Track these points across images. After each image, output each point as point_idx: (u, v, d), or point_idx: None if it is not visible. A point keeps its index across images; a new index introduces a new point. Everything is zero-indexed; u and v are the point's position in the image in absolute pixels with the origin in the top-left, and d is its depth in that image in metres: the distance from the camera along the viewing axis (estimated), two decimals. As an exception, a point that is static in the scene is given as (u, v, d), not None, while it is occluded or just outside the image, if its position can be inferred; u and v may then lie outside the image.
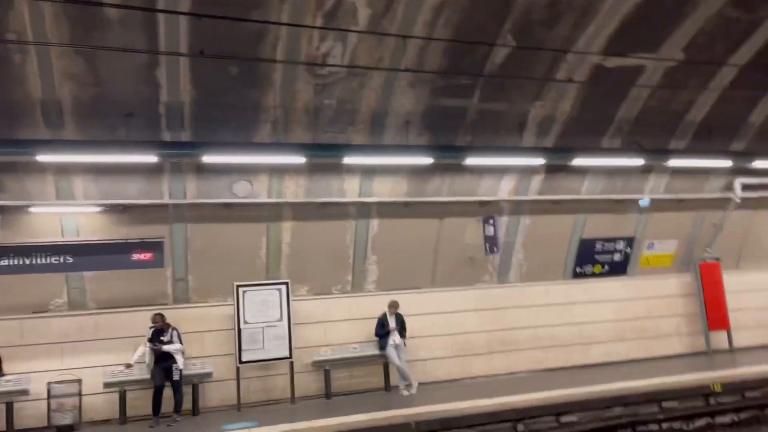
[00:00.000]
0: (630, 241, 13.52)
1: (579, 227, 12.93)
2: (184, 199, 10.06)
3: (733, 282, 14.38)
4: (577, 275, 13.33)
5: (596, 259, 13.38)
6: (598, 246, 13.29)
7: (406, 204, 11.35)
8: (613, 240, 13.38)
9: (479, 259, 12.30)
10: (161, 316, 9.70)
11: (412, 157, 10.26)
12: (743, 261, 14.81)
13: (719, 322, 13.74)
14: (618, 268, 13.62)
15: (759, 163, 12.80)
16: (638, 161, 11.73)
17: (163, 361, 9.49)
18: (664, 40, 10.58)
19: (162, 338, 9.56)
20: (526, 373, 12.52)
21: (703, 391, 10.10)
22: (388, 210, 11.34)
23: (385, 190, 11.13)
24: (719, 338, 14.00)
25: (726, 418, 9.73)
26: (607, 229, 13.19)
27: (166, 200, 10.01)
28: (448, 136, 10.82)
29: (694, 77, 11.33)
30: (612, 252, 13.47)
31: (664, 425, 9.46)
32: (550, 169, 11.96)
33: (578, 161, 11.42)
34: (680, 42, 10.69)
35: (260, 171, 10.29)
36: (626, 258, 13.63)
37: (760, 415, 9.85)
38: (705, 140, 12.49)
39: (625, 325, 13.52)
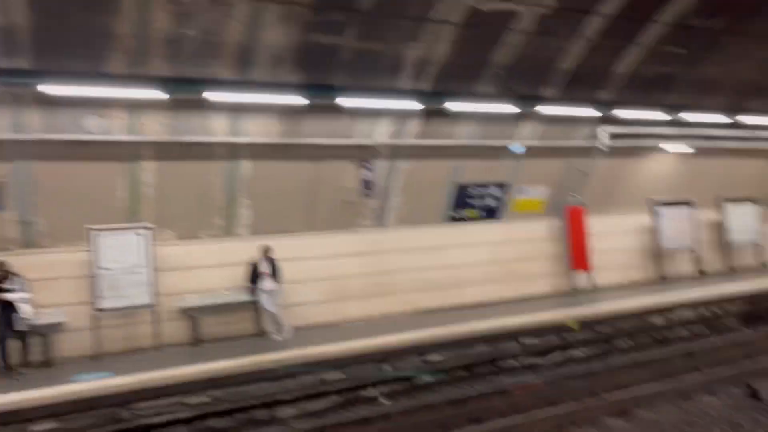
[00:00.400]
0: (503, 187, 13.92)
1: (455, 172, 13.11)
2: (27, 135, 9.11)
3: (598, 226, 15.27)
4: (453, 220, 13.61)
5: (471, 204, 13.70)
6: (473, 191, 13.59)
7: (279, 145, 10.95)
8: (487, 185, 13.71)
9: (356, 204, 12.21)
10: (1, 263, 8.88)
11: (284, 96, 9.82)
12: (609, 206, 15.72)
13: (582, 263, 14.61)
14: (492, 213, 14.04)
15: (623, 113, 13.46)
16: (511, 108, 11.95)
17: (5, 311, 8.74)
18: (537, -14, 10.66)
19: (3, 287, 8.77)
20: (402, 315, 12.77)
21: (559, 328, 10.71)
22: (260, 151, 10.90)
23: (256, 131, 10.66)
24: (583, 278, 14.90)
25: (579, 352, 10.41)
26: (482, 174, 13.48)
27: (4, 135, 9.02)
28: (322, 75, 10.45)
29: (565, 25, 11.55)
30: (486, 197, 13.83)
31: (522, 360, 9.97)
32: (427, 114, 11.93)
33: (453, 106, 11.45)
34: (553, -11, 10.81)
35: (116, 105, 9.49)
36: (499, 203, 14.05)
37: (609, 347, 10.63)
38: (574, 89, 12.91)
39: (497, 268, 14.05)
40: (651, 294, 13.33)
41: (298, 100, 9.82)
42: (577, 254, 14.63)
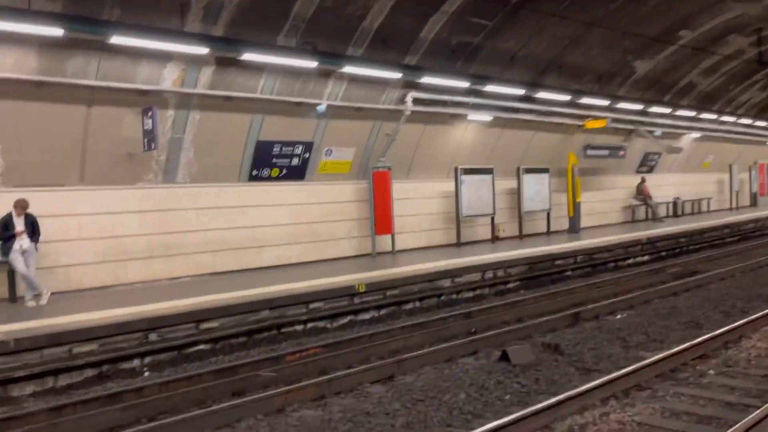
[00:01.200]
0: (308, 146, 13.46)
1: (255, 128, 12.37)
2: None
3: (403, 190, 15.46)
4: (253, 178, 12.91)
5: (274, 163, 13.08)
6: (276, 149, 12.96)
7: (36, 83, 9.44)
8: (292, 144, 13.16)
9: (139, 156, 11.03)
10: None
11: (34, 26, 8.34)
12: (416, 172, 15.95)
13: (385, 226, 14.70)
14: (296, 173, 13.54)
15: (429, 79, 13.53)
16: (312, 64, 11.42)
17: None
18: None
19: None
20: (190, 278, 11.94)
21: (349, 292, 10.59)
22: (12, 90, 9.32)
23: (5, 65, 9.06)
24: (386, 241, 15.05)
25: (367, 315, 10.39)
26: (285, 132, 12.88)
27: None
28: (90, 6, 9.09)
29: (370, -18, 11.18)
30: (290, 156, 13.28)
31: (309, 325, 9.71)
32: (222, 62, 11.01)
33: (250, 56, 10.64)
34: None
35: None
36: (304, 163, 13.59)
37: (397, 310, 10.74)
38: (381, 50, 12.68)
39: (300, 229, 13.66)
40: (445, 258, 13.77)
41: (53, 31, 8.40)
42: (381, 218, 14.69)
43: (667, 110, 20.64)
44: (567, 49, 16.27)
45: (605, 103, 18.45)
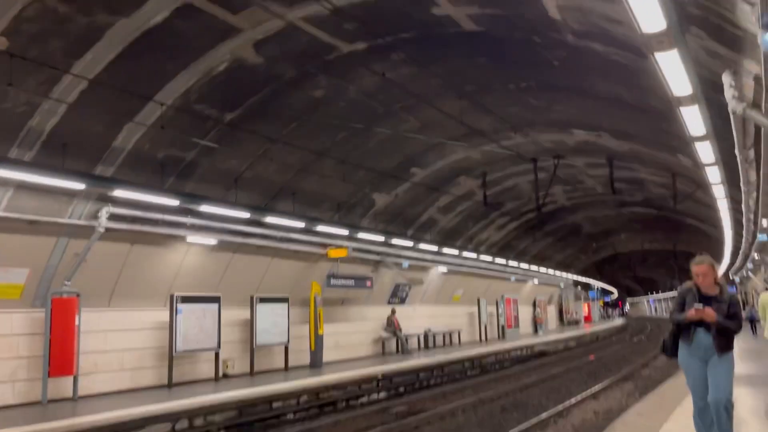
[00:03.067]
0: (-46, 265, 10.73)
1: None
2: None
3: (100, 320, 13.08)
4: None
5: None
6: None
7: None
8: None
9: None
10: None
11: None
12: (116, 298, 13.69)
13: (63, 366, 12.00)
14: (-67, 298, 10.61)
15: (124, 193, 11.83)
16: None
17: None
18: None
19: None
20: None
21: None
22: None
23: None
24: (66, 385, 12.29)
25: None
26: None
27: None
28: None
29: (35, 75, 9.50)
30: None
31: None
32: None
33: None
34: None
35: None
36: (-53, 285, 10.75)
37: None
38: (59, 156, 10.81)
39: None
40: (148, 403, 11.38)
41: None
42: (60, 355, 12.00)
43: (410, 243, 21.05)
44: (300, 174, 15.80)
45: (345, 232, 18.16)
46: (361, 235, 18.88)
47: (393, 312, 23.00)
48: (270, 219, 15.45)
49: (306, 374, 16.39)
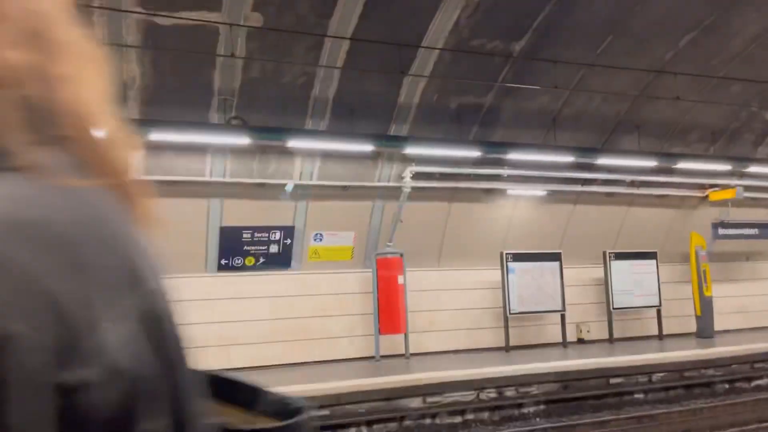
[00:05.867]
0: (288, 231, 12.07)
1: (215, 213, 11.44)
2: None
3: (429, 280, 13.13)
4: (223, 268, 11.86)
5: (247, 251, 11.92)
6: (246, 235, 11.82)
7: None
8: (266, 230, 11.92)
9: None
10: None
11: None
12: (444, 257, 13.49)
13: (392, 324, 12.37)
14: (278, 261, 12.18)
15: (422, 150, 11.42)
16: (244, 140, 10.25)
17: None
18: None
19: None
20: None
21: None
22: None
23: None
24: (398, 342, 12.70)
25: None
26: (253, 216, 11.71)
27: None
28: None
29: (298, 44, 9.77)
30: (266, 243, 12.02)
31: None
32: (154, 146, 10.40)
33: (167, 136, 9.87)
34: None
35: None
36: (287, 250, 12.19)
37: None
38: (348, 121, 11.01)
39: (282, 325, 12.12)
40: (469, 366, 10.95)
41: None
42: (387, 313, 12.44)
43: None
44: (638, 102, 12.77)
45: (727, 167, 14.03)
46: (753, 168, 14.32)
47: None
48: (609, 161, 12.95)
49: (687, 345, 13.39)
